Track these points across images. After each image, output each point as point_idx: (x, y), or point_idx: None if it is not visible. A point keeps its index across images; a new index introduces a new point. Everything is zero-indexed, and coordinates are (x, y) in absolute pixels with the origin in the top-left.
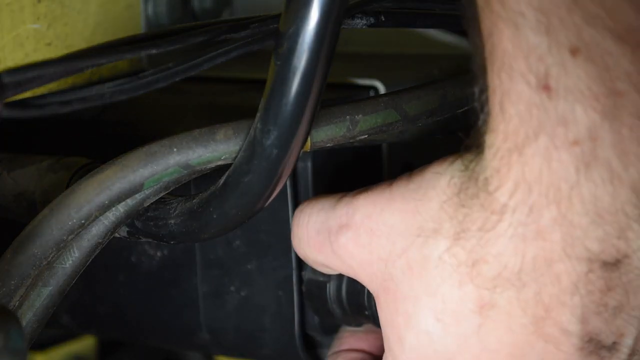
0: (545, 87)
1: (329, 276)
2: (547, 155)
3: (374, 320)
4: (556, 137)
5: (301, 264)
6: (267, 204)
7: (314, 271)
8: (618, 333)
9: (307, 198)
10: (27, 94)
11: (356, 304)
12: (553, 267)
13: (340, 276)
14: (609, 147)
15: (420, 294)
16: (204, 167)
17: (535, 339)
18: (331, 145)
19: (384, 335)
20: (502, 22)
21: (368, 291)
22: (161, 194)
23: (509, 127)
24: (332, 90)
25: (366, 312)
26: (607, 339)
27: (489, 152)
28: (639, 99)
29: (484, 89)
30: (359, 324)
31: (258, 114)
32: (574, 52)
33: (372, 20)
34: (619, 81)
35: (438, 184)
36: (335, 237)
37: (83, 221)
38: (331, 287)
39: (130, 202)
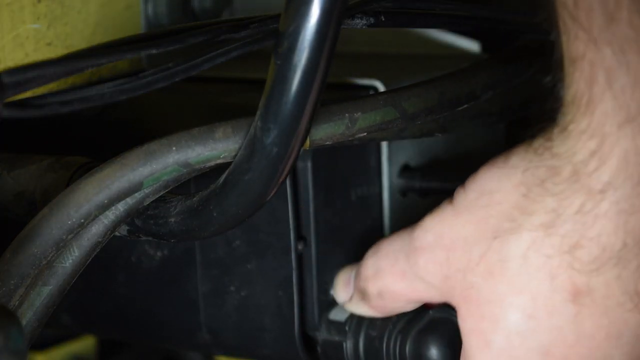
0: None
1: (344, 335)
2: None
3: None
4: None
5: (301, 267)
6: (266, 202)
7: (329, 331)
8: None
9: (307, 198)
10: (27, 94)
11: None
12: None
13: (356, 334)
14: None
15: (505, 295)
16: (204, 165)
17: (632, 316)
18: (331, 143)
19: (465, 346)
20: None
21: (387, 348)
22: (161, 193)
23: (617, 99)
24: (332, 90)
25: None
26: None
27: (583, 132)
28: None
29: (571, 68)
30: None
31: (258, 112)
32: None
33: (372, 20)
34: None
35: (504, 185)
36: (415, 260)
37: (83, 220)
38: (348, 347)
39: (130, 200)
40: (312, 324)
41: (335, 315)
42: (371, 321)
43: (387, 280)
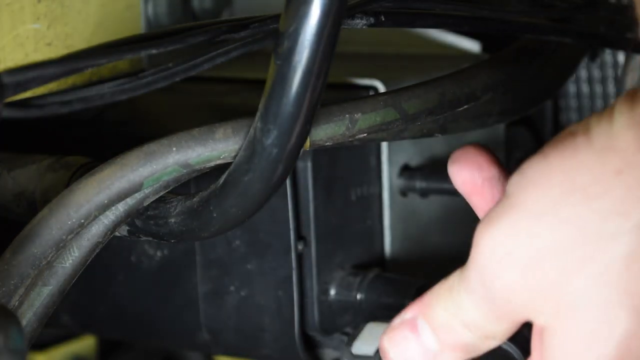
0: None
1: None
2: None
3: None
4: None
5: (301, 267)
6: (266, 202)
7: None
8: None
9: (307, 198)
10: (27, 94)
11: None
12: None
13: None
14: None
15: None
16: (204, 166)
17: None
18: (331, 144)
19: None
20: None
21: None
22: (161, 193)
23: None
24: (332, 90)
25: None
26: None
27: None
28: None
29: None
30: None
31: (258, 113)
32: None
33: (372, 20)
34: None
35: (606, 174)
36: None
37: (83, 220)
38: None
39: (130, 201)
40: (312, 324)
41: (360, 348)
42: None
43: (475, 338)
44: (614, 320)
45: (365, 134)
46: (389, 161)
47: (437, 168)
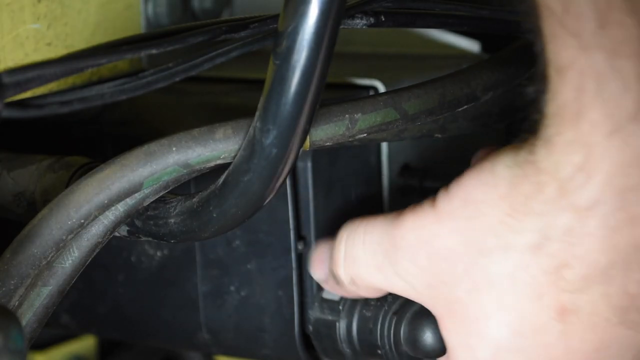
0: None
1: (338, 314)
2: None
3: (386, 359)
4: None
5: (301, 267)
6: (266, 202)
7: (322, 310)
8: None
9: (307, 198)
10: (27, 94)
11: (369, 344)
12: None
13: (350, 314)
14: None
15: (493, 312)
16: (204, 166)
17: (618, 330)
18: (330, 144)
19: (454, 356)
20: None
21: (381, 329)
22: (161, 193)
23: (607, 107)
24: (332, 90)
25: (379, 352)
26: None
27: (569, 145)
28: None
29: (558, 80)
30: None
31: (257, 113)
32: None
33: (372, 20)
34: None
35: (490, 197)
36: (395, 258)
37: (82, 221)
38: (341, 327)
39: (129, 201)
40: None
41: (329, 293)
42: (366, 301)
43: (362, 270)
44: (485, 330)
45: (365, 134)
46: (389, 161)
47: (437, 168)
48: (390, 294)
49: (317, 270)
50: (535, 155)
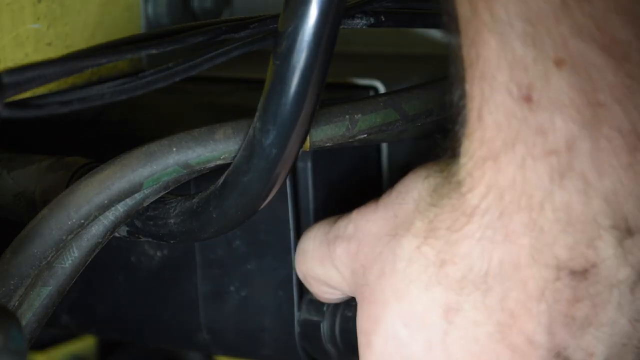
0: (527, 98)
1: (322, 315)
2: (522, 163)
3: None
4: (533, 146)
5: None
6: (266, 203)
7: (309, 311)
8: (588, 351)
9: (307, 198)
10: (27, 94)
11: (350, 343)
12: (520, 272)
13: (333, 315)
14: (585, 158)
15: (390, 298)
16: (203, 166)
17: (501, 350)
18: (331, 144)
19: (358, 342)
20: (488, 32)
21: None
22: (161, 194)
23: (485, 135)
24: (332, 90)
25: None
26: (576, 355)
27: (464, 157)
28: (620, 111)
29: (462, 96)
30: None
31: (257, 114)
32: (559, 63)
33: (372, 20)
34: (601, 93)
35: (415, 187)
36: (333, 247)
37: (82, 221)
38: (325, 327)
39: (129, 201)
40: None
41: None
42: (347, 302)
43: (309, 264)
44: (381, 316)
45: (365, 135)
46: (389, 161)
47: None
48: None
49: None
50: (446, 156)
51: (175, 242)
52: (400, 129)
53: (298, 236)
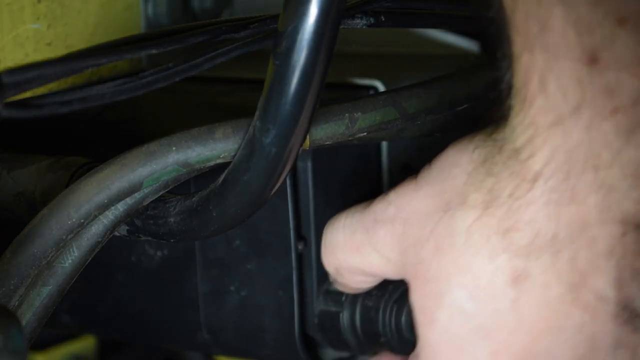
0: (593, 60)
1: (341, 305)
2: (589, 125)
3: (390, 346)
4: (599, 107)
5: (301, 267)
6: (266, 202)
7: (326, 302)
8: None
9: (307, 198)
10: (27, 94)
11: (371, 332)
12: (588, 231)
13: (352, 305)
14: None
15: (451, 272)
16: (203, 165)
17: (571, 309)
18: (330, 143)
19: (415, 322)
20: (550, 2)
21: (383, 317)
22: (161, 193)
23: (549, 102)
24: (332, 90)
25: (381, 340)
26: None
27: (520, 125)
28: None
29: (514, 69)
30: (374, 353)
31: (257, 113)
32: (622, 22)
33: (372, 20)
34: None
35: (461, 160)
36: (373, 232)
37: (82, 220)
38: (344, 317)
39: (129, 201)
40: (312, 324)
41: (333, 285)
42: (367, 292)
43: (342, 255)
44: (443, 292)
45: (365, 133)
46: (389, 161)
47: None
48: (390, 283)
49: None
50: (498, 125)
51: (175, 241)
52: (400, 127)
53: (298, 236)
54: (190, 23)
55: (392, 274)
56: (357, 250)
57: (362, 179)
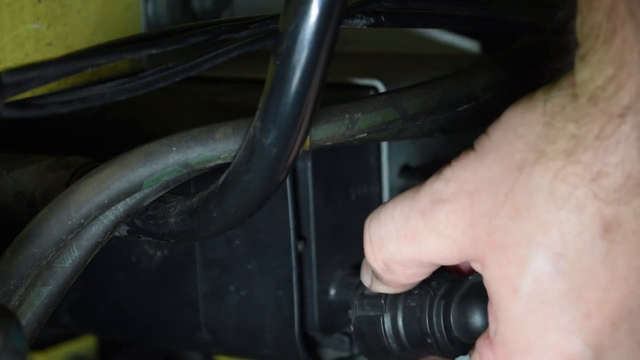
0: None
1: (381, 309)
2: None
3: (438, 347)
4: None
5: (301, 267)
6: (266, 202)
7: (362, 307)
8: None
9: (307, 198)
10: (27, 94)
11: (417, 334)
12: None
13: (394, 307)
14: None
15: (533, 235)
16: (203, 166)
17: None
18: (331, 143)
19: (492, 297)
20: None
21: (429, 316)
22: (161, 193)
23: (628, 38)
24: (332, 90)
25: (429, 340)
26: None
27: (600, 62)
28: None
29: (582, 9)
30: (416, 359)
31: (257, 113)
32: None
33: (372, 20)
34: None
35: (528, 118)
36: (432, 214)
37: (82, 220)
38: (386, 321)
39: (129, 201)
40: (312, 324)
41: (369, 290)
42: (409, 292)
43: (393, 248)
44: (525, 256)
45: (365, 134)
46: (389, 161)
47: (437, 168)
48: (433, 280)
49: (365, 275)
50: (570, 72)
51: (175, 241)
52: (400, 127)
53: (298, 236)
54: (190, 23)
55: (455, 256)
56: (412, 238)
57: (362, 179)
